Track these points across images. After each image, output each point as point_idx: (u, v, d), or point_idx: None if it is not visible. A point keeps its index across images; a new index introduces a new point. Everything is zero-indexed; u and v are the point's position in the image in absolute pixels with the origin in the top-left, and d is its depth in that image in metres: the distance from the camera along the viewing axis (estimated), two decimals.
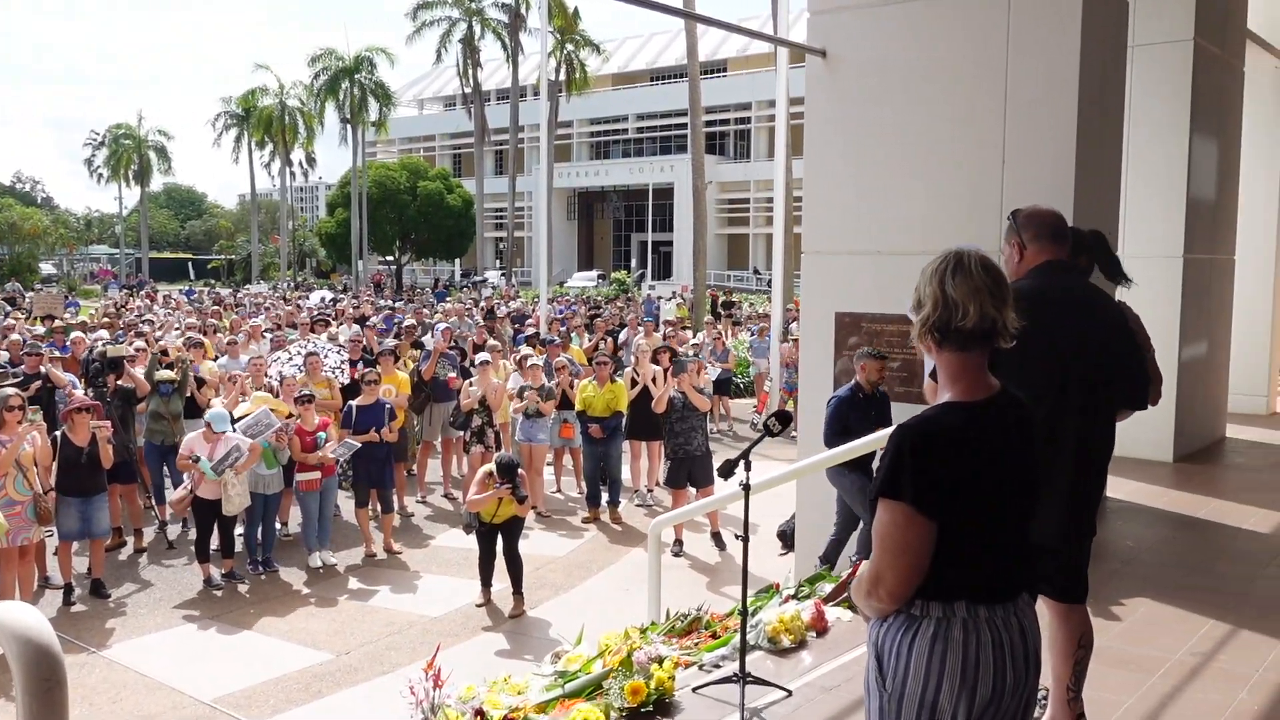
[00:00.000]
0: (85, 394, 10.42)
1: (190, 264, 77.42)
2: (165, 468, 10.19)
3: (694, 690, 4.49)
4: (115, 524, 9.34)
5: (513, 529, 8.33)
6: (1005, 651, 2.25)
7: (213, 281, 60.81)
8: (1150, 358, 3.86)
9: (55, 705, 2.15)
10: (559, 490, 12.03)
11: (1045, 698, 3.75)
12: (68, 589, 8.37)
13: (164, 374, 10.32)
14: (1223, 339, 9.80)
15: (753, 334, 19.54)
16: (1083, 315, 3.40)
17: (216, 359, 12.95)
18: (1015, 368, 3.23)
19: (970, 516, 2.21)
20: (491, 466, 8.22)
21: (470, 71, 54.47)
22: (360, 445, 9.55)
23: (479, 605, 8.37)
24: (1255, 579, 5.75)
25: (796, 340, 13.31)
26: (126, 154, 67.58)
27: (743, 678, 4.28)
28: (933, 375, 2.57)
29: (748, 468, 4.25)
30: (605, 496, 10.97)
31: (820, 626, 5.20)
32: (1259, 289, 11.07)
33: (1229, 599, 5.38)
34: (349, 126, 56.15)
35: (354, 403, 10.03)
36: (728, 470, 4.24)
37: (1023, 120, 6.31)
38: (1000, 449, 2.27)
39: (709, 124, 56.25)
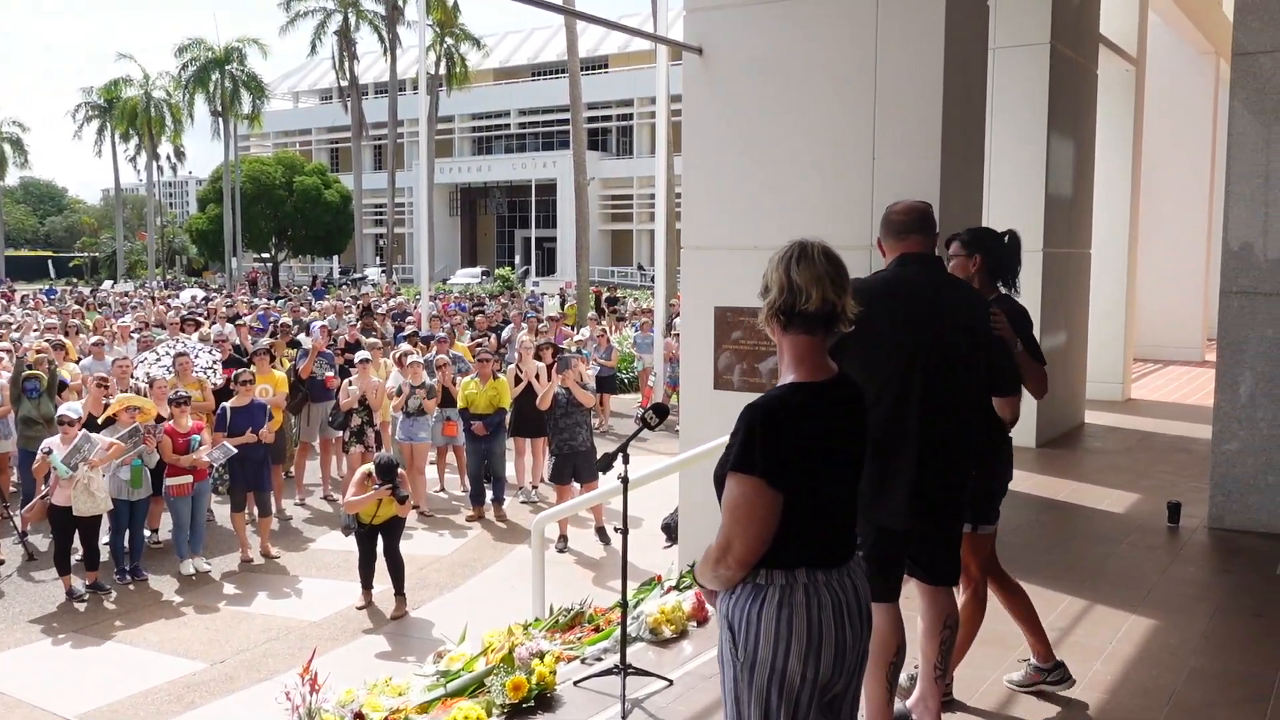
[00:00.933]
0: None
1: (51, 262, 73.87)
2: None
3: (576, 684, 4.52)
4: None
5: (393, 529, 8.21)
6: (844, 611, 2.41)
7: (75, 280, 58.14)
8: (1021, 351, 3.99)
9: None
10: (442, 489, 11.90)
11: (914, 677, 3.89)
12: None
13: (29, 372, 9.85)
14: (1080, 329, 10.28)
15: (636, 330, 19.66)
16: (931, 306, 3.46)
17: (79, 360, 12.42)
18: (863, 356, 3.35)
19: (811, 488, 2.38)
20: (370, 467, 8.09)
21: (347, 64, 53.34)
22: (236, 450, 9.26)
23: (360, 608, 8.23)
24: (1109, 556, 6.06)
25: (679, 335, 13.47)
26: None
27: (624, 669, 4.32)
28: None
29: (626, 461, 4.28)
30: (489, 494, 10.90)
31: (701, 616, 5.28)
32: (1114, 281, 11.63)
33: (1085, 575, 5.65)
34: (220, 119, 54.36)
35: (228, 404, 9.72)
36: (606, 464, 4.27)
37: (891, 118, 6.50)
38: (836, 427, 2.44)
39: (591, 120, 56.37)
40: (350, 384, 10.87)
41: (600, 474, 9.64)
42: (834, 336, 2.49)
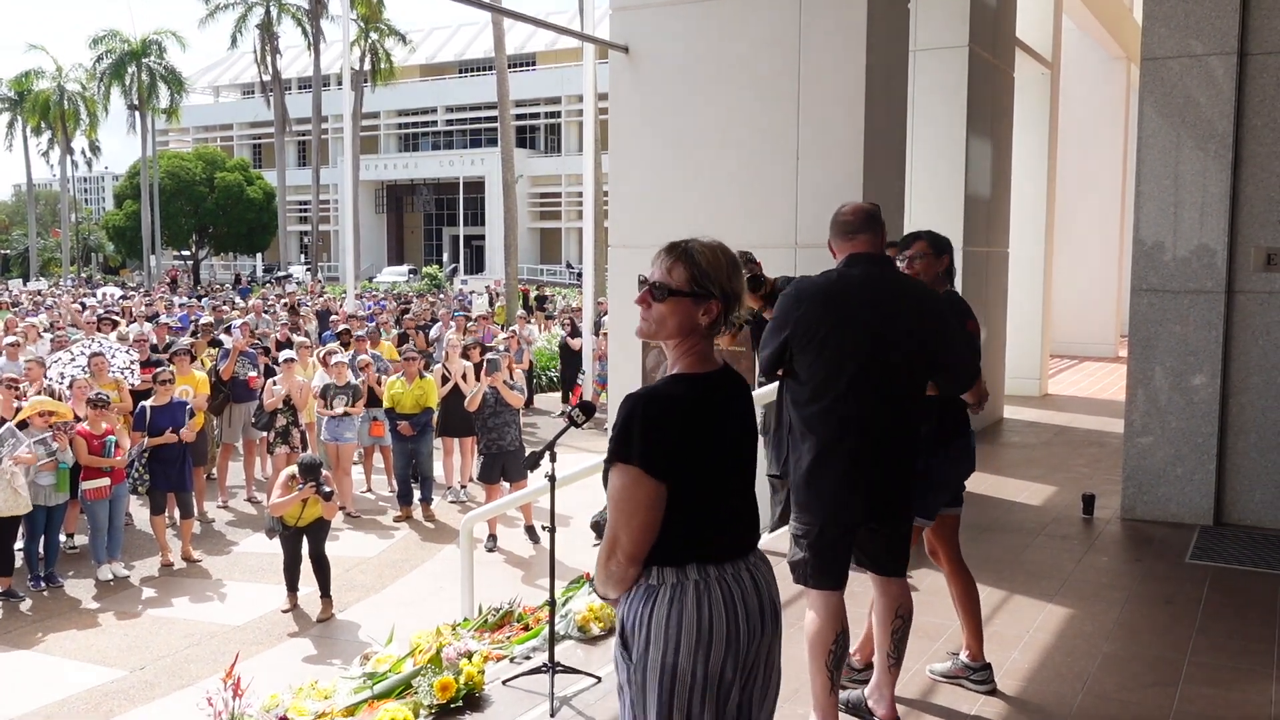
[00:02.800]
0: None
1: None
2: None
3: (504, 683, 4.51)
4: None
5: (318, 531, 8.10)
6: (737, 605, 2.35)
7: None
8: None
9: None
10: (369, 490, 11.77)
11: (870, 666, 3.98)
12: None
13: None
14: (999, 326, 10.52)
15: (565, 328, 19.61)
16: (879, 304, 3.50)
17: None
18: (811, 355, 3.43)
19: (695, 480, 2.33)
20: (295, 469, 7.98)
21: (269, 58, 52.28)
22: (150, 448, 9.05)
23: (285, 611, 8.11)
24: (1026, 548, 6.22)
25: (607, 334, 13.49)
26: None
27: (552, 667, 4.32)
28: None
29: (553, 459, 4.29)
30: (417, 494, 10.80)
31: None
32: (1031, 280, 11.94)
33: (1003, 567, 5.80)
34: (137, 113, 52.99)
35: (147, 403, 9.49)
36: (533, 462, 4.27)
37: (814, 117, 6.60)
38: (722, 419, 2.40)
39: (519, 117, 56.19)
40: (275, 384, 10.69)
41: (528, 472, 9.63)
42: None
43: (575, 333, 17.09)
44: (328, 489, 7.93)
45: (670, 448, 2.30)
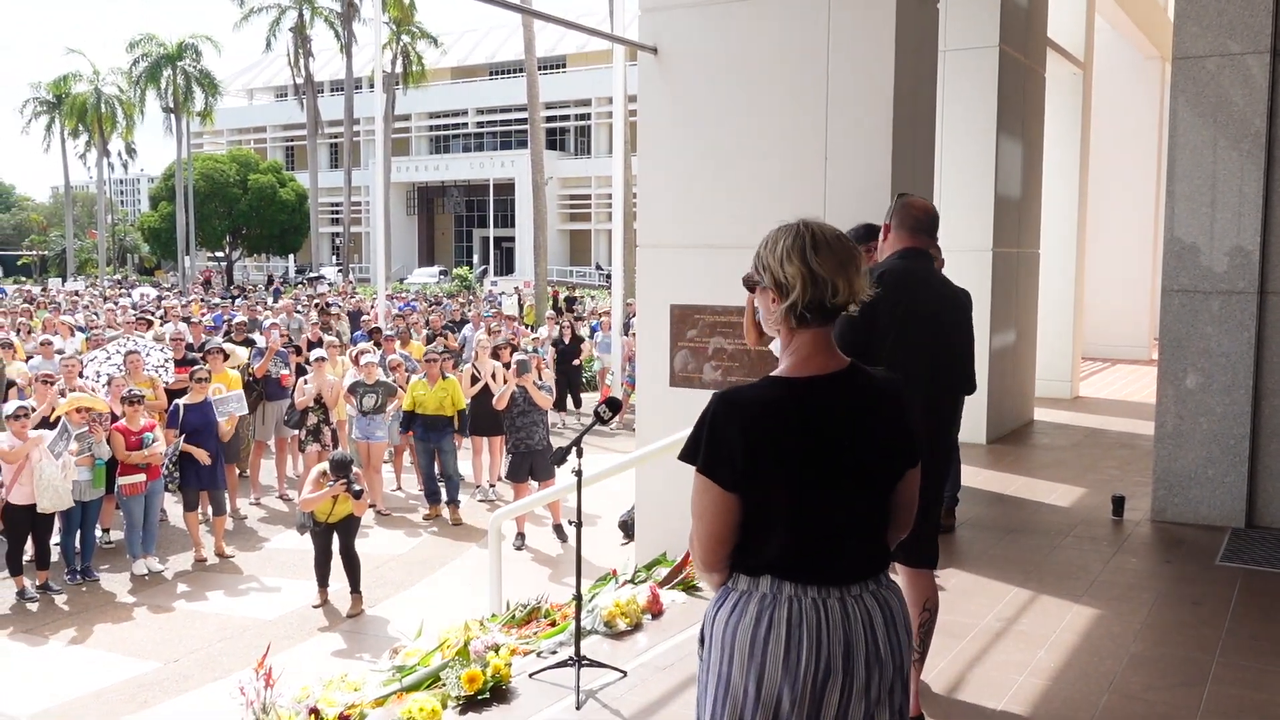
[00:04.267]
0: None
1: None
2: None
3: (531, 676, 4.55)
4: None
5: (349, 528, 8.20)
6: (804, 632, 2.11)
7: (23, 279, 57.04)
8: None
9: None
10: (399, 488, 11.87)
11: None
12: None
13: None
14: (1030, 328, 10.46)
15: (594, 329, 19.69)
16: (938, 300, 3.74)
17: (28, 360, 12.24)
18: (892, 344, 3.52)
19: (779, 492, 2.11)
20: (325, 465, 8.08)
21: (302, 61, 52.81)
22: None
23: (315, 606, 8.20)
24: (1054, 549, 6.19)
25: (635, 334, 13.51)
26: None
27: (578, 661, 4.36)
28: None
29: (580, 455, 4.32)
30: (444, 493, 10.89)
31: (656, 609, 5.33)
32: (1062, 281, 11.85)
33: (1031, 568, 5.78)
34: (172, 116, 53.61)
35: (181, 401, 9.63)
36: (560, 458, 4.31)
37: (843, 117, 6.59)
38: (826, 427, 2.13)
39: (549, 119, 56.34)
40: (306, 382, 10.81)
41: (556, 468, 9.69)
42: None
43: (575, 336, 17.06)
44: (357, 486, 8.02)
45: (739, 457, 2.08)
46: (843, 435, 2.13)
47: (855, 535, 2.18)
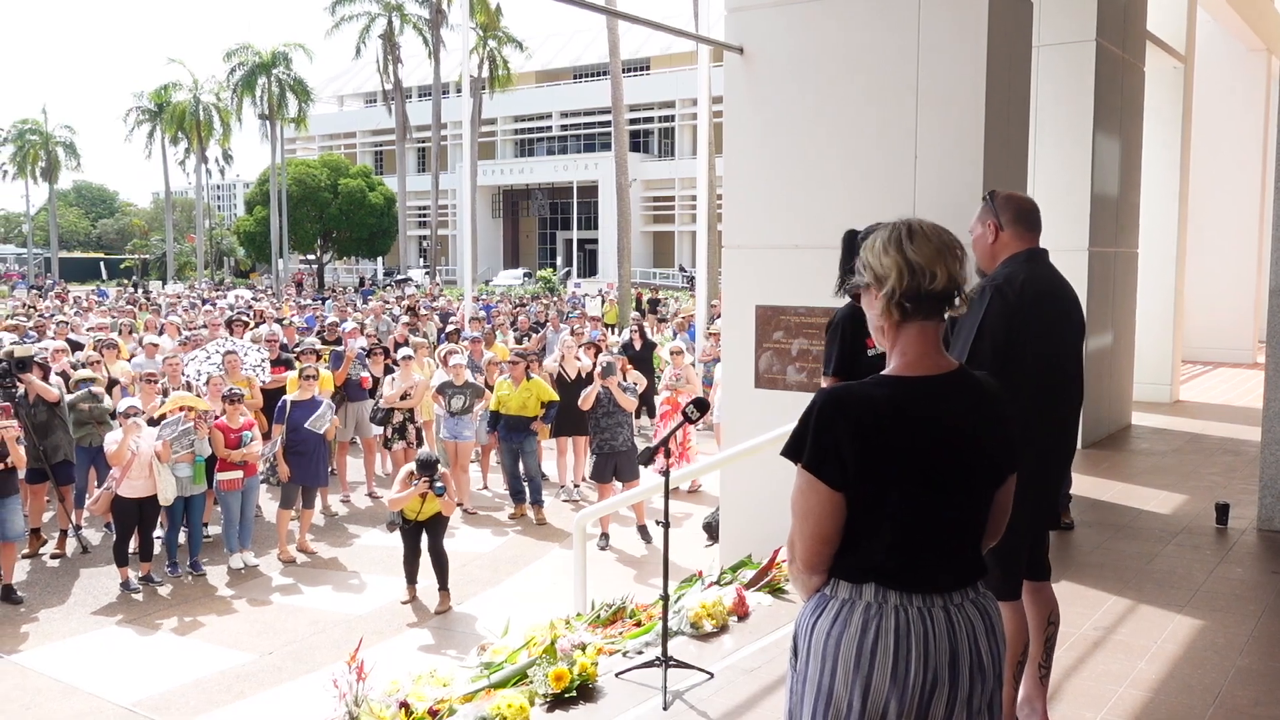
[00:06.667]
0: None
1: (103, 263, 75.21)
2: (94, 470, 9.89)
3: (617, 675, 4.56)
4: (34, 525, 9.17)
5: (437, 526, 8.32)
6: (913, 642, 2.07)
7: (125, 282, 59.17)
8: None
9: None
10: (486, 487, 12.01)
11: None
12: None
13: (83, 373, 10.09)
14: (1128, 330, 10.16)
15: (676, 332, 19.66)
16: (1063, 308, 3.50)
17: (131, 359, 12.69)
18: (1017, 354, 3.27)
19: (885, 494, 2.08)
20: (413, 465, 8.21)
21: (391, 67, 53.90)
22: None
23: (404, 602, 8.34)
24: (1155, 557, 6.00)
25: (715, 335, 13.46)
26: (33, 150, 65.33)
27: (665, 661, 4.36)
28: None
29: (667, 455, 4.32)
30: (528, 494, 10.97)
31: (742, 611, 5.30)
32: (1162, 282, 11.48)
33: (1129, 576, 5.61)
34: (267, 123, 55.14)
35: (288, 397, 9.89)
36: (647, 458, 4.31)
37: (933, 115, 6.48)
38: (932, 430, 2.10)
39: (633, 122, 56.52)
40: (393, 380, 11.00)
41: (641, 469, 9.71)
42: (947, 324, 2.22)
43: (647, 342, 16.85)
44: (441, 485, 8.13)
45: (845, 455, 2.05)
46: (953, 437, 2.11)
47: (959, 540, 2.16)
